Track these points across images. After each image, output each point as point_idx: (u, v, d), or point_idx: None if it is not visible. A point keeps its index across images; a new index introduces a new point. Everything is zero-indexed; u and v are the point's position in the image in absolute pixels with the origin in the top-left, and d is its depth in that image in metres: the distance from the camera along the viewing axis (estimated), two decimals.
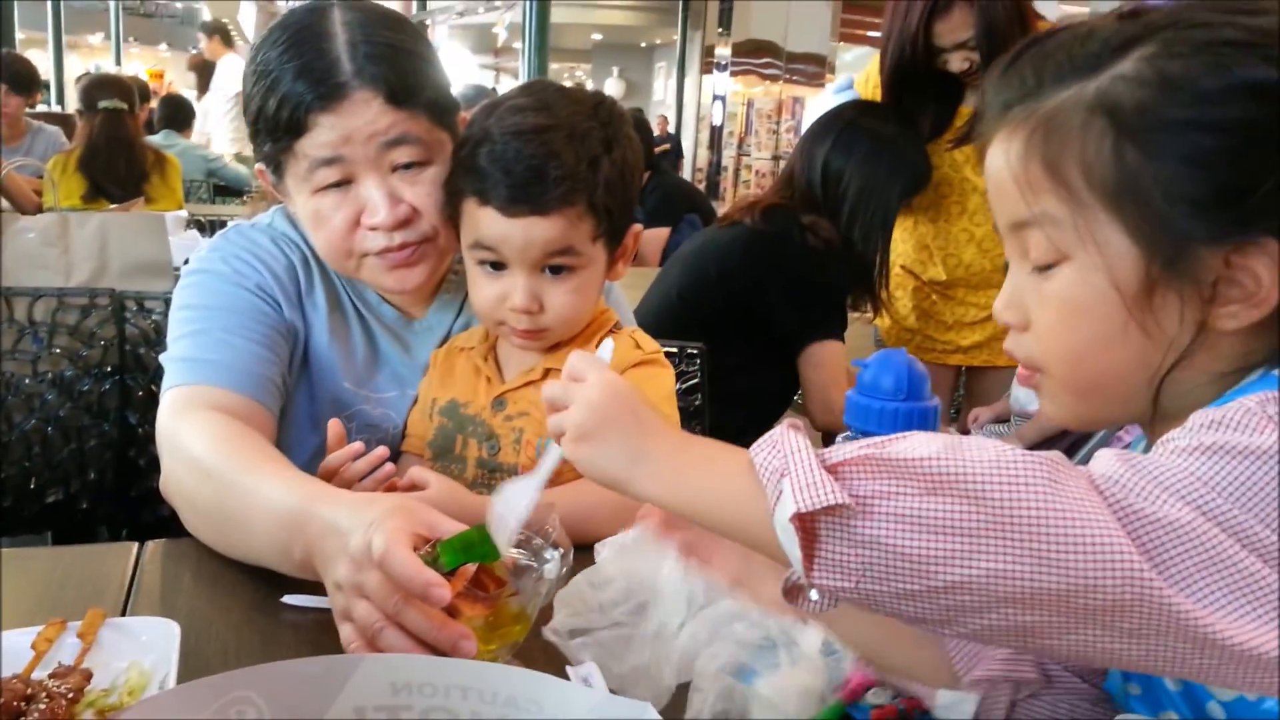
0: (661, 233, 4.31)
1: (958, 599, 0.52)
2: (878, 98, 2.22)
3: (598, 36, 18.17)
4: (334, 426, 1.05)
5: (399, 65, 1.09)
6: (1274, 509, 0.52)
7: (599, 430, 0.68)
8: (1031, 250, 0.66)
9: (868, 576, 0.53)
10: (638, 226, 1.16)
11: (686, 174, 11.15)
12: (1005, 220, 0.68)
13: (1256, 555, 0.51)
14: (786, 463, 0.55)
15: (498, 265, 1.09)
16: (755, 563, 0.79)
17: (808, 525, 0.54)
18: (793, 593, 0.60)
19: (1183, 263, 0.61)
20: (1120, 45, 0.62)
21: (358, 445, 1.02)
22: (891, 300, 2.20)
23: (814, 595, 0.57)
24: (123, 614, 0.90)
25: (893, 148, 2.05)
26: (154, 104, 5.73)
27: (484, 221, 1.06)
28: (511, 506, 0.78)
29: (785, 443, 0.57)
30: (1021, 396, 1.93)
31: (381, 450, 1.02)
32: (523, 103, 1.07)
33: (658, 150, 10.69)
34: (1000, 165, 0.67)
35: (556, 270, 1.08)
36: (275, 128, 1.08)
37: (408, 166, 1.10)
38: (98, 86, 3.95)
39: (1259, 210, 0.59)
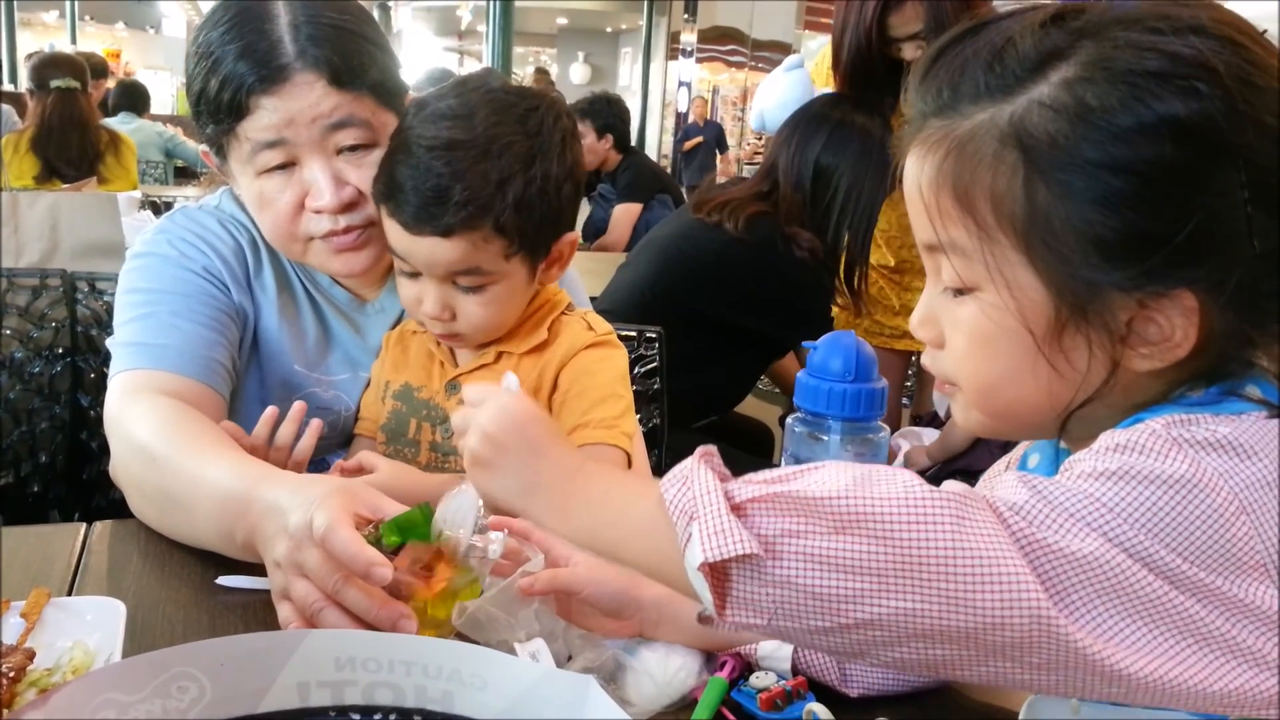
0: (633, 209, 4.33)
1: (869, 634, 0.53)
2: (831, 85, 2.24)
3: (563, 21, 18.01)
4: (269, 412, 1.05)
5: (343, 47, 1.08)
6: (1181, 537, 0.52)
7: (493, 459, 0.67)
8: (943, 272, 0.64)
9: (780, 614, 0.53)
10: (572, 235, 1.13)
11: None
12: (919, 238, 0.66)
13: (1166, 581, 0.51)
14: (695, 505, 0.54)
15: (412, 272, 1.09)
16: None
17: (718, 566, 0.53)
18: (707, 621, 0.58)
19: (1093, 308, 0.58)
20: (1041, 60, 0.59)
21: (273, 410, 1.04)
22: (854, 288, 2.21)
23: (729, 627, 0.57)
24: (69, 594, 0.89)
25: (879, 145, 2.03)
26: (110, 84, 5.62)
27: (392, 233, 1.06)
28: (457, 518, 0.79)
29: (695, 482, 0.56)
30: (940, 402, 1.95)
31: (300, 405, 1.05)
32: (445, 107, 1.04)
33: (688, 145, 10.40)
34: (913, 184, 0.64)
35: (468, 285, 1.07)
36: (217, 110, 1.07)
37: (353, 149, 1.10)
38: (49, 65, 3.88)
39: (1171, 261, 0.56)
